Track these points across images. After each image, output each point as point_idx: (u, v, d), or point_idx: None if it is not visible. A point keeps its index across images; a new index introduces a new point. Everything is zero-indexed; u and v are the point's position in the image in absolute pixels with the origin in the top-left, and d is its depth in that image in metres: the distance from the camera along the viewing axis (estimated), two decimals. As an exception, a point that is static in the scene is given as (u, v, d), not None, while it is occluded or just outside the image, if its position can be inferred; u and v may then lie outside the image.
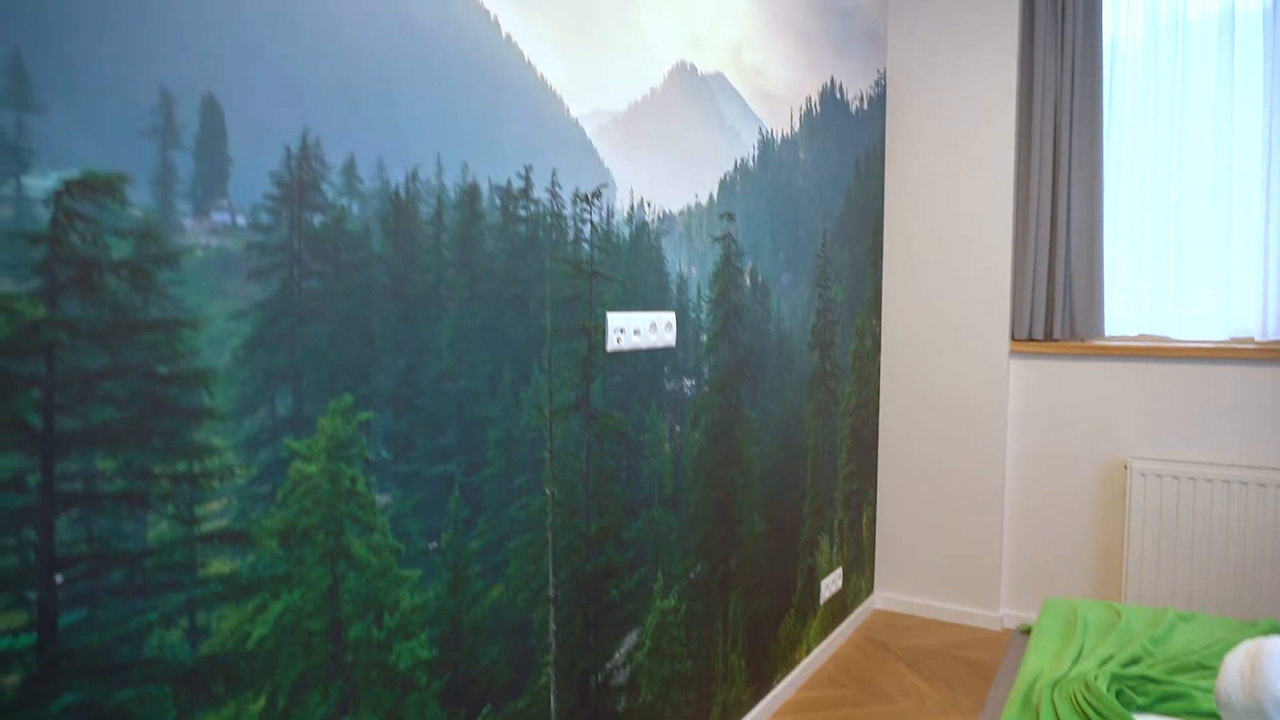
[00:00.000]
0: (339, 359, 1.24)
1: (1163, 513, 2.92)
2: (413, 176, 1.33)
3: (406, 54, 1.32)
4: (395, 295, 1.32)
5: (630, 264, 1.87)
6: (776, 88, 2.47)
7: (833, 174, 2.88)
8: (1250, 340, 2.96)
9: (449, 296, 1.42)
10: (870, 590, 3.47)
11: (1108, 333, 3.17)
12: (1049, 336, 3.19)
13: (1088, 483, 3.15)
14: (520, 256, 1.56)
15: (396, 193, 1.31)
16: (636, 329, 1.89)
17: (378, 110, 1.27)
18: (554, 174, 1.63)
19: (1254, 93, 2.92)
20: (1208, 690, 1.73)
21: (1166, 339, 3.07)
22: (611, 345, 1.81)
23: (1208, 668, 1.86)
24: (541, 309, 1.62)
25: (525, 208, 1.57)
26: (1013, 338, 3.23)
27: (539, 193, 1.60)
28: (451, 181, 1.40)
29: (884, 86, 3.32)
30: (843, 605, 3.17)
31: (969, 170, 3.24)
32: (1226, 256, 2.97)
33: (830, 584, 3.02)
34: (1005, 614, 3.30)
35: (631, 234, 1.87)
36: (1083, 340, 3.14)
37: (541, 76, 1.60)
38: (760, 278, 2.43)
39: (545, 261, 1.62)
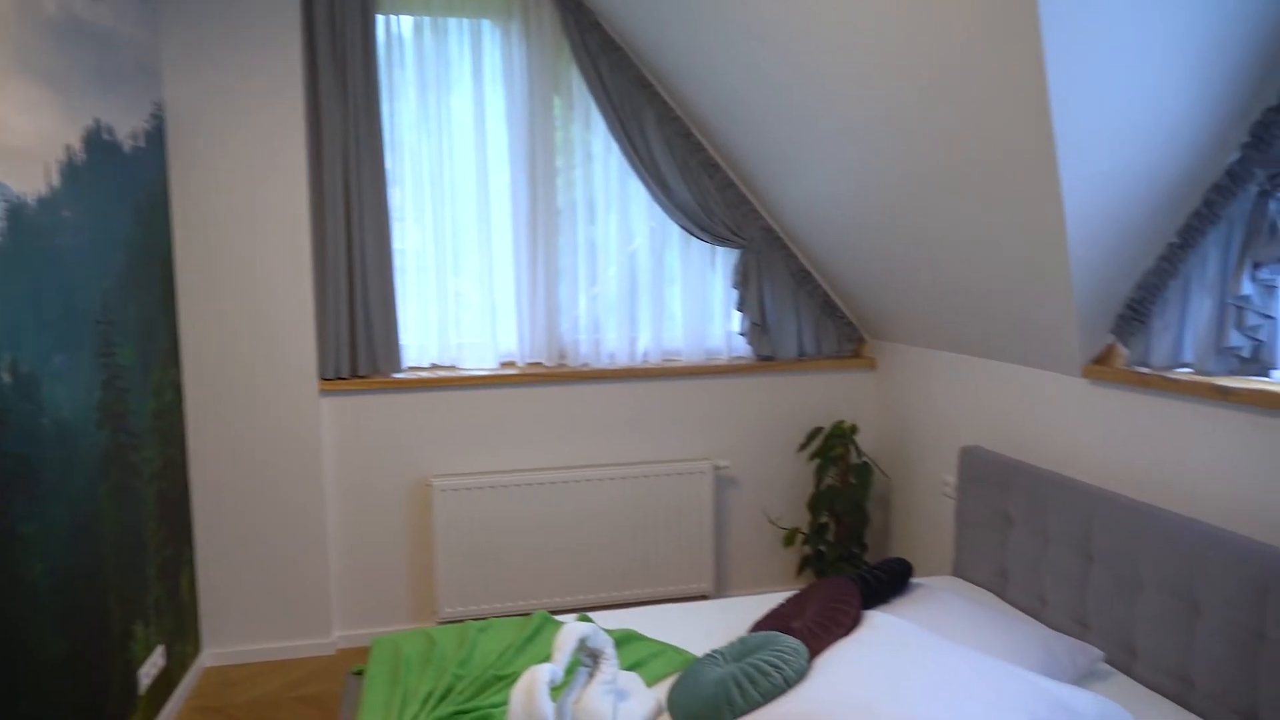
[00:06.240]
0: None
1: (462, 523, 3.40)
2: None
3: None
4: None
5: None
6: (25, 141, 2.09)
7: (109, 225, 2.56)
8: (514, 365, 3.61)
9: None
10: (198, 651, 3.28)
11: (406, 365, 3.52)
12: (355, 374, 3.39)
13: (402, 505, 3.48)
14: None
15: None
16: None
17: None
18: None
19: (501, 150, 3.50)
20: (505, 704, 2.11)
21: (454, 368, 3.54)
22: None
23: (504, 677, 2.26)
24: None
25: None
26: (322, 377, 3.34)
27: None
28: None
29: (162, 119, 3.05)
30: (168, 682, 2.94)
31: (262, 209, 3.20)
32: (491, 294, 3.54)
33: (150, 668, 2.77)
34: (339, 636, 3.48)
35: None
36: (385, 375, 3.42)
37: None
38: (24, 368, 2.06)
39: None
